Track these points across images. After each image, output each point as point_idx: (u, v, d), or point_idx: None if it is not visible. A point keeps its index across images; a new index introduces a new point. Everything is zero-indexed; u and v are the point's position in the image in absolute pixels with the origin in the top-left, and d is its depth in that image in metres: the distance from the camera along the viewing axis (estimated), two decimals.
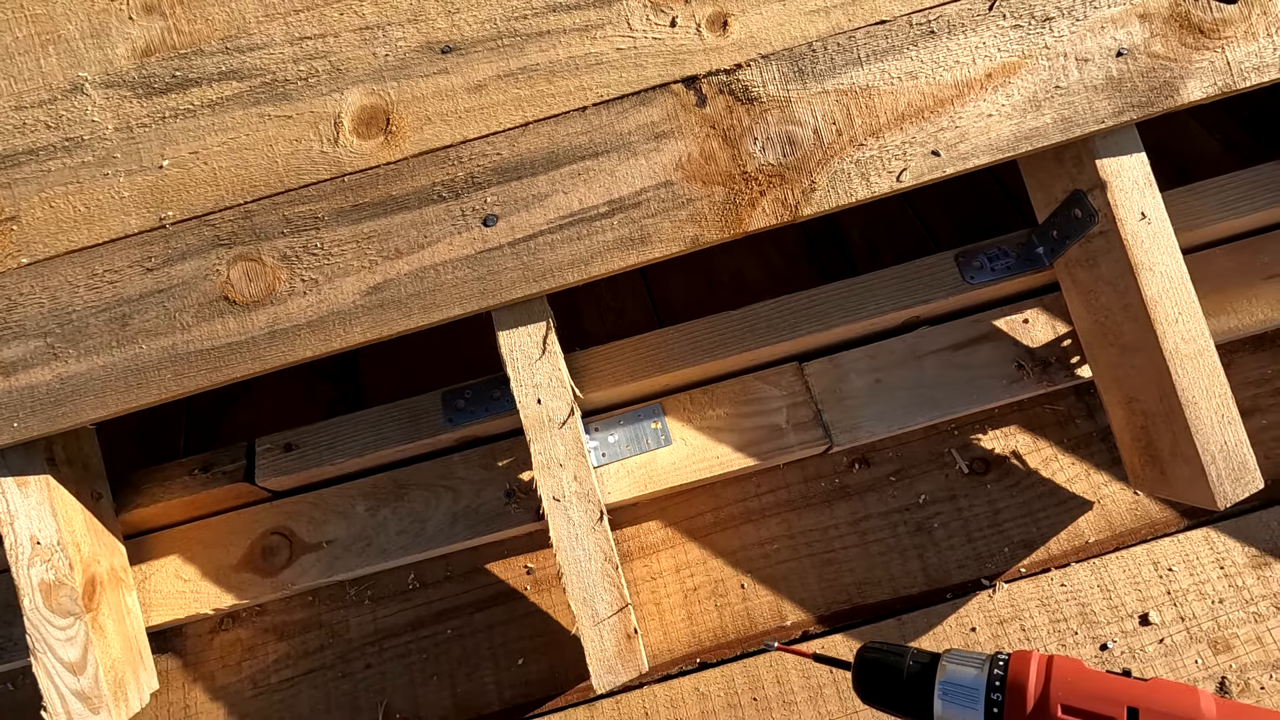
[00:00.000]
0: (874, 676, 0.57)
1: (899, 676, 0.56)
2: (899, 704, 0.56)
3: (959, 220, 1.14)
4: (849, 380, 0.90)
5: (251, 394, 1.13)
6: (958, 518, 0.89)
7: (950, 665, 0.54)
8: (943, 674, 0.54)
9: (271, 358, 0.72)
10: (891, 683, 0.56)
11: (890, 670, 0.56)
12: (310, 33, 0.72)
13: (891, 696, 0.56)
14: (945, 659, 0.55)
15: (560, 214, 0.73)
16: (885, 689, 0.56)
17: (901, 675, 0.55)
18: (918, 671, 0.55)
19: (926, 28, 0.73)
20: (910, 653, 0.57)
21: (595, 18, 0.73)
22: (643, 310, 1.13)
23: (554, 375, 0.75)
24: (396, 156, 0.73)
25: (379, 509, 0.90)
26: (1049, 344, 0.90)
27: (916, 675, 0.55)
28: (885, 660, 0.57)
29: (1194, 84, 0.73)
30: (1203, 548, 0.85)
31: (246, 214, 0.72)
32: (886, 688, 0.56)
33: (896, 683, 0.56)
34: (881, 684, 0.57)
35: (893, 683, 0.56)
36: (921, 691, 0.54)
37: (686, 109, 0.73)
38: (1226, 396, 0.75)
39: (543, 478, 0.74)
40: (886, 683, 0.56)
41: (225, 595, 0.88)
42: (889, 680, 0.56)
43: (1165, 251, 0.75)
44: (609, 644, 0.72)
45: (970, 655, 0.54)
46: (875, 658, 0.58)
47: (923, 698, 0.54)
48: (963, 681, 0.53)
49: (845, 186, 0.73)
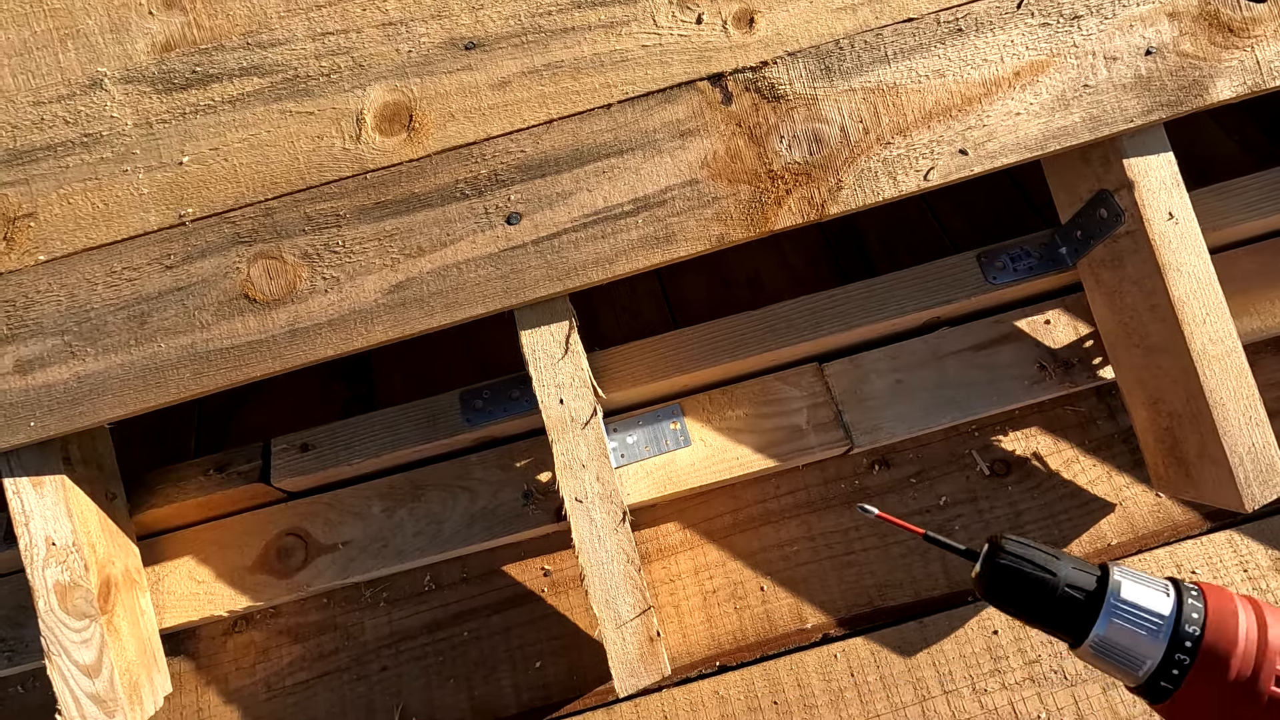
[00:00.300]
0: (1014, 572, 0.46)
1: (1052, 580, 0.45)
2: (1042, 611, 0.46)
3: (976, 221, 1.14)
4: (870, 381, 0.90)
5: (264, 394, 1.12)
6: (979, 520, 0.89)
7: (1128, 582, 0.45)
8: (1118, 588, 0.45)
9: (292, 356, 0.72)
10: (1039, 584, 0.46)
11: (1041, 572, 0.46)
12: (333, 28, 0.72)
13: (1034, 600, 0.46)
14: (1119, 573, 0.45)
15: (584, 212, 0.72)
16: (1027, 589, 0.46)
17: (1056, 580, 0.45)
18: (1079, 582, 0.45)
19: (954, 26, 0.72)
20: (1066, 559, 0.46)
21: (621, 14, 0.72)
22: (659, 310, 1.12)
23: (577, 375, 0.75)
24: (419, 154, 0.72)
25: (395, 510, 0.89)
26: (1071, 345, 0.89)
27: (1077, 585, 0.45)
28: (1034, 557, 0.46)
29: (1223, 83, 0.72)
30: (1226, 550, 0.85)
31: (267, 211, 0.71)
32: (1030, 588, 0.46)
33: (1046, 586, 0.45)
34: (1023, 582, 0.46)
35: (1041, 584, 0.46)
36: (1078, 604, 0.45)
37: (712, 107, 0.72)
38: (1254, 398, 0.74)
39: (565, 479, 0.74)
40: (1031, 582, 0.46)
41: (239, 597, 0.87)
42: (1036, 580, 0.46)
43: (1193, 252, 0.75)
44: (631, 647, 0.72)
45: (1150, 578, 0.45)
46: (1021, 551, 0.47)
47: (1078, 611, 0.45)
48: (1147, 606, 0.44)
49: (872, 185, 0.72)
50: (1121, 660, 0.45)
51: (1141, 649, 0.44)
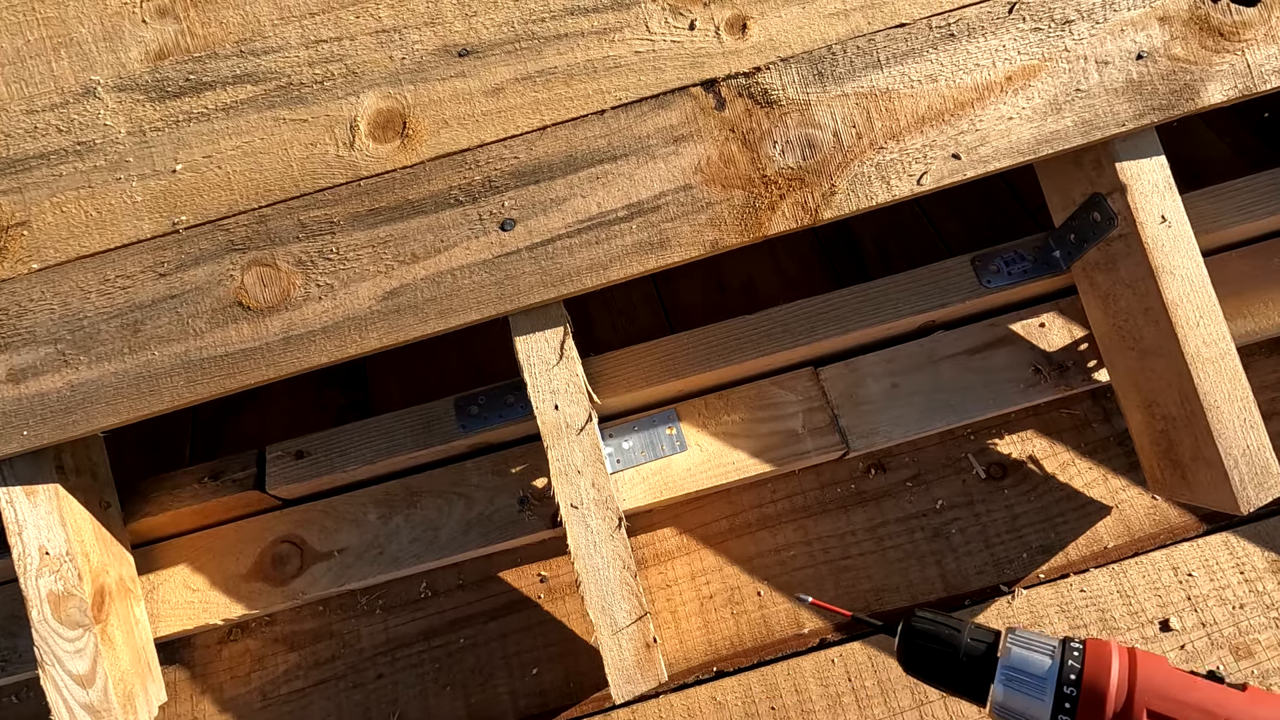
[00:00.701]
0: (923, 648, 0.52)
1: (954, 652, 0.50)
2: (949, 680, 0.51)
3: (971, 225, 1.14)
4: (865, 385, 0.90)
5: (259, 401, 1.12)
6: (975, 523, 0.89)
7: (1015, 648, 0.49)
8: (1006, 655, 0.49)
9: (286, 364, 0.71)
10: (943, 657, 0.51)
11: (943, 643, 0.51)
12: (326, 36, 0.72)
13: (941, 671, 0.51)
14: (1010, 639, 0.50)
15: (578, 218, 0.72)
16: (934, 662, 0.51)
17: (957, 652, 0.50)
18: (977, 651, 0.50)
19: (946, 31, 0.73)
20: (968, 628, 0.51)
21: (613, 20, 0.73)
22: (654, 315, 1.12)
23: (571, 381, 0.75)
24: (413, 160, 0.72)
25: (391, 516, 0.89)
26: (1066, 348, 0.89)
27: (974, 654, 0.50)
28: (938, 633, 0.52)
29: (1214, 87, 0.73)
30: (1222, 553, 0.85)
31: (261, 219, 0.71)
32: (936, 661, 0.51)
33: (950, 658, 0.50)
34: (930, 657, 0.51)
35: (945, 658, 0.51)
36: (978, 671, 0.49)
37: (705, 112, 0.73)
38: (1249, 400, 0.74)
39: (560, 485, 0.73)
40: (936, 656, 0.51)
41: (234, 605, 0.87)
42: (940, 654, 0.51)
43: (1186, 255, 0.75)
44: (628, 653, 0.71)
45: (1037, 638, 0.49)
46: (927, 628, 0.52)
47: (978, 678, 0.49)
48: (1029, 669, 0.48)
49: (865, 190, 0.72)
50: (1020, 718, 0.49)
51: (1033, 709, 0.47)
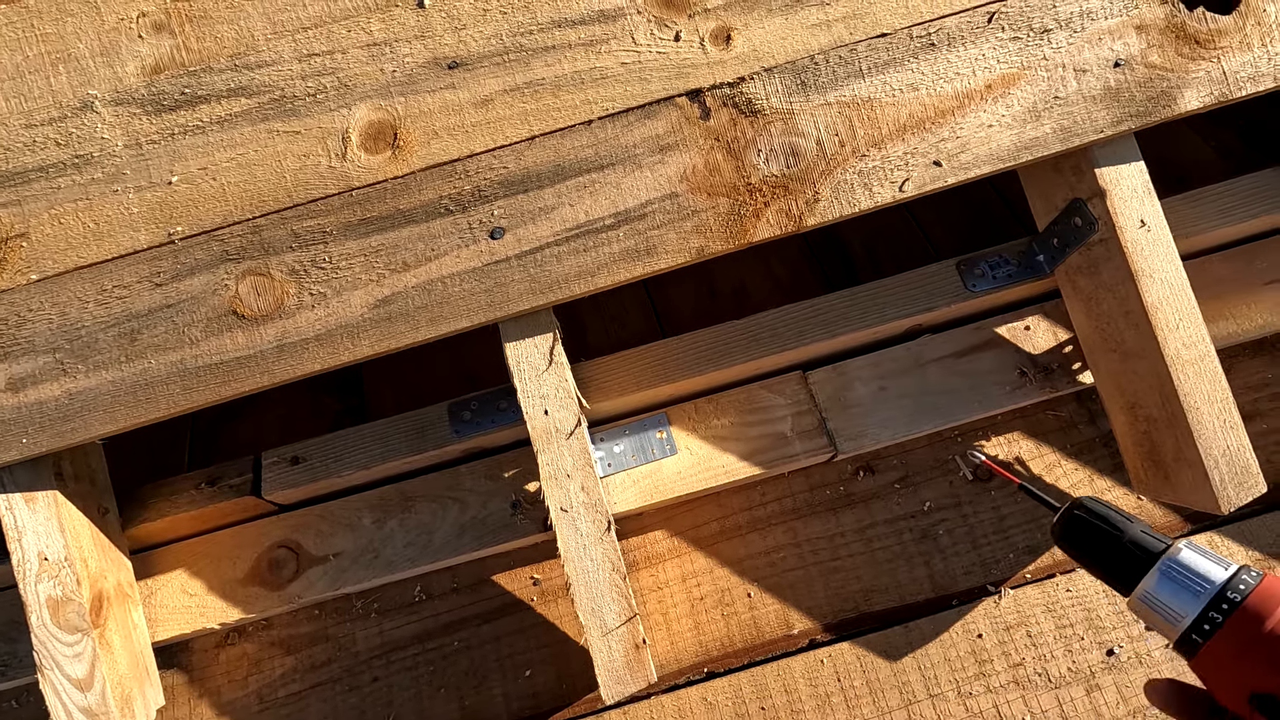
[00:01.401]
0: (1088, 524, 0.52)
1: (1118, 535, 0.51)
2: (1103, 559, 0.51)
3: (959, 229, 1.15)
4: (853, 388, 0.91)
5: (256, 408, 1.14)
6: (963, 524, 0.90)
7: (1189, 551, 0.49)
8: (1175, 553, 0.49)
9: (280, 371, 0.73)
10: (1107, 538, 0.51)
11: (1112, 526, 0.51)
12: (318, 49, 0.73)
13: (1099, 548, 0.52)
14: (1185, 543, 0.50)
15: (566, 226, 0.73)
16: (1097, 540, 0.52)
17: (1122, 535, 0.51)
18: (1144, 543, 0.50)
19: (926, 40, 0.74)
20: (1139, 523, 0.52)
21: (600, 33, 0.74)
22: (646, 321, 1.13)
23: (561, 386, 0.76)
24: (404, 171, 0.73)
25: (386, 521, 0.90)
26: (1050, 350, 0.90)
27: (1140, 544, 0.50)
28: (1109, 516, 0.52)
29: (1191, 94, 0.74)
30: None
31: (255, 229, 0.73)
32: (1099, 540, 0.52)
33: (1112, 540, 0.51)
34: (1094, 534, 0.52)
35: (1108, 539, 0.51)
36: (1135, 561, 0.50)
37: (691, 122, 0.74)
38: (1228, 401, 0.75)
39: (550, 488, 0.75)
40: (1100, 534, 0.52)
41: (231, 609, 0.88)
42: (1105, 535, 0.51)
43: (1165, 258, 0.76)
44: (618, 655, 0.72)
45: (1216, 556, 0.49)
46: (1099, 510, 0.53)
47: (1134, 566, 0.50)
48: (1199, 571, 0.47)
49: (849, 197, 0.74)
50: (1163, 614, 0.48)
51: (1181, 605, 0.47)
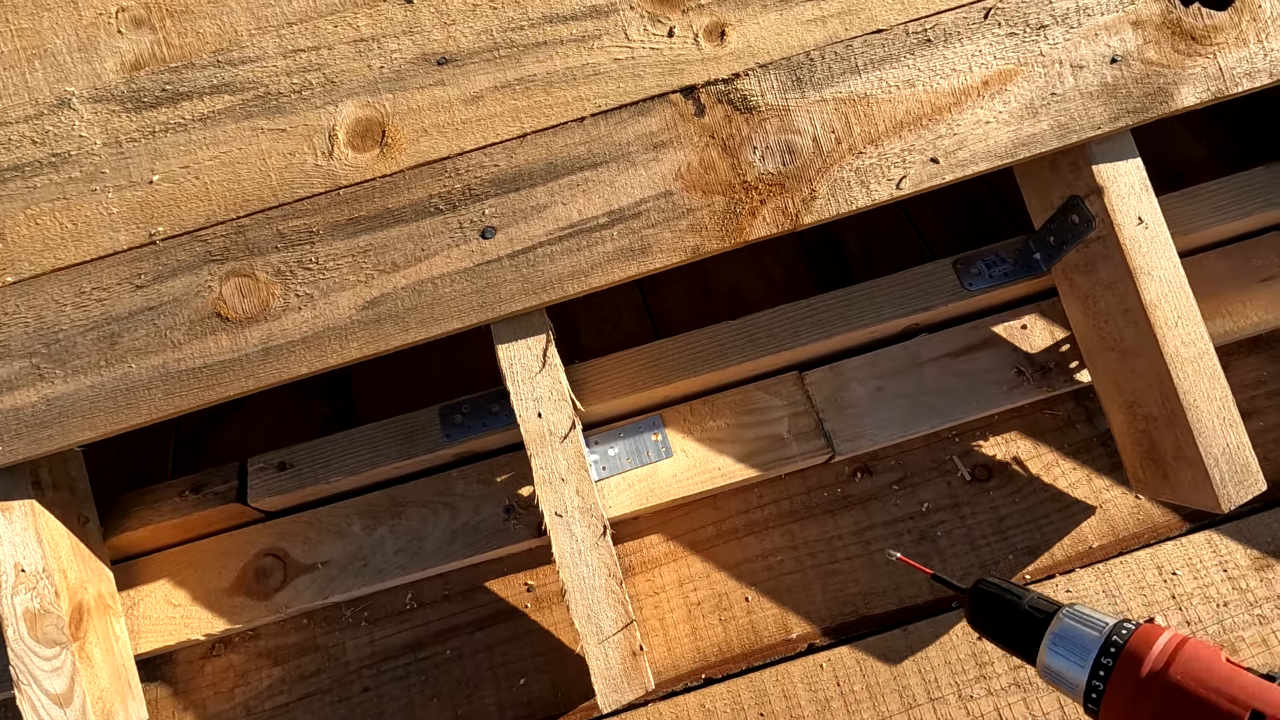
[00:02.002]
0: (987, 607, 0.58)
1: (1012, 611, 0.56)
2: (1005, 638, 0.56)
3: (954, 228, 1.15)
4: (850, 389, 0.90)
5: (242, 413, 1.11)
6: (961, 525, 0.89)
7: (1068, 621, 0.53)
8: (1057, 625, 0.53)
9: (266, 375, 0.71)
10: (1004, 617, 0.56)
11: (1005, 605, 0.57)
12: (304, 45, 0.72)
13: (1000, 630, 0.57)
14: (1066, 613, 0.54)
15: (559, 225, 0.72)
16: (996, 621, 0.57)
17: (1015, 612, 0.56)
18: (1033, 617, 0.55)
19: (923, 36, 0.73)
20: (1030, 596, 0.57)
21: (592, 28, 0.73)
22: (640, 321, 1.12)
23: (555, 388, 0.74)
24: (392, 169, 0.72)
25: (376, 527, 0.88)
26: (1048, 349, 0.90)
27: (1031, 619, 0.55)
28: (1001, 596, 0.57)
29: (1187, 90, 0.73)
30: (1206, 551, 0.85)
31: (239, 229, 0.71)
32: (998, 620, 0.57)
33: (1009, 618, 0.56)
34: (993, 616, 0.57)
35: (1005, 617, 0.56)
36: (1031, 634, 0.54)
37: (685, 119, 0.73)
38: (1228, 399, 0.75)
39: (544, 493, 0.73)
40: (998, 616, 0.57)
41: (217, 620, 0.86)
42: (1002, 614, 0.56)
43: (1163, 256, 0.76)
44: (614, 662, 0.71)
45: (1095, 617, 0.53)
46: (992, 591, 0.58)
47: (1031, 640, 0.54)
48: (1077, 639, 0.52)
49: (846, 194, 0.73)
50: (1061, 684, 0.52)
51: (1073, 674, 0.51)
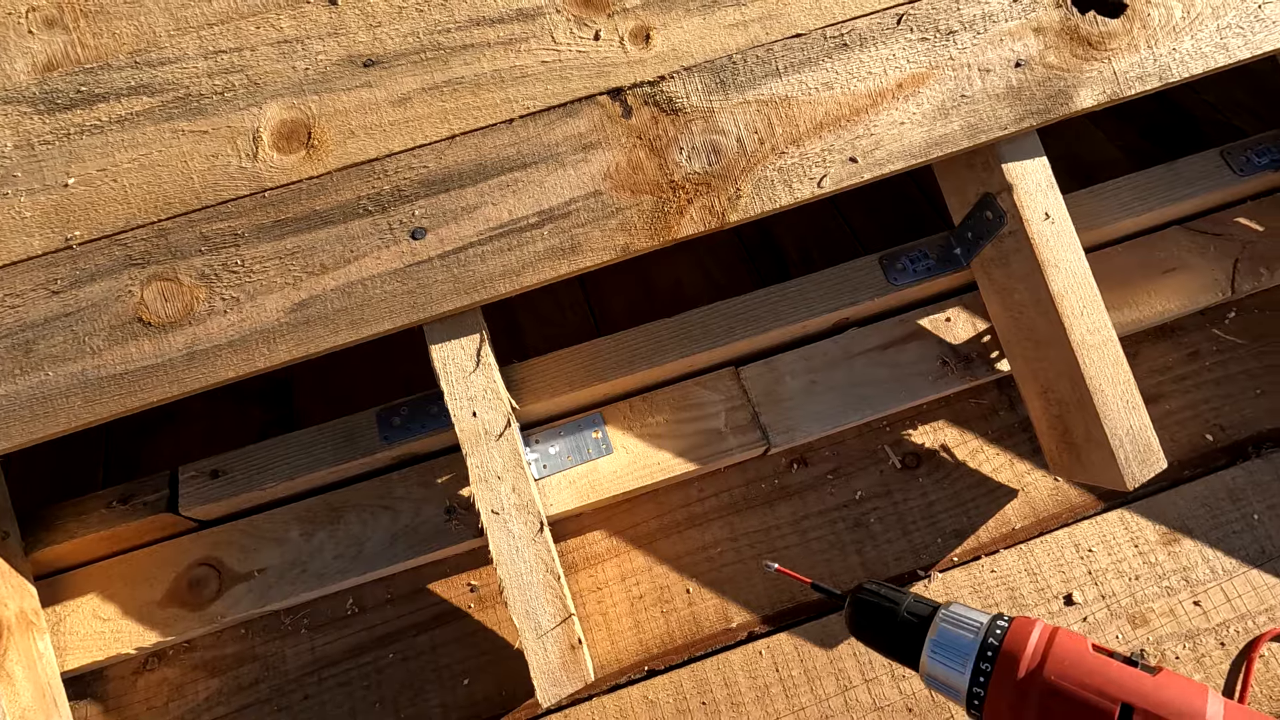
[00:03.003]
0: (866, 615, 0.56)
1: (891, 619, 0.54)
2: (888, 646, 0.55)
3: (887, 226, 1.19)
4: (784, 382, 0.92)
5: (176, 421, 1.09)
6: (893, 512, 0.92)
7: (945, 625, 0.52)
8: (934, 632, 0.52)
9: (191, 380, 0.70)
10: (883, 624, 0.55)
11: (883, 613, 0.55)
12: (225, 46, 0.71)
13: (881, 638, 0.55)
14: (942, 615, 0.53)
15: (490, 225, 0.73)
16: (876, 629, 0.55)
17: (894, 620, 0.54)
18: (911, 623, 0.53)
19: (840, 41, 0.76)
20: (907, 601, 0.55)
21: (519, 31, 0.74)
22: (583, 322, 1.13)
23: (489, 387, 0.75)
24: (319, 171, 0.71)
25: (315, 533, 0.88)
26: (970, 340, 0.94)
27: (909, 625, 0.53)
28: (879, 604, 0.55)
29: (1085, 92, 0.78)
30: (1119, 528, 0.90)
31: (161, 232, 0.70)
32: (877, 628, 0.55)
33: (888, 626, 0.54)
34: (873, 624, 0.55)
35: (884, 625, 0.54)
36: (912, 640, 0.53)
37: (613, 120, 0.74)
38: (1130, 383, 0.79)
39: (480, 491, 0.74)
40: (878, 624, 0.55)
41: (149, 633, 0.84)
42: (881, 622, 0.55)
43: (1069, 249, 0.80)
44: (553, 656, 0.72)
45: (970, 617, 0.52)
46: (870, 599, 0.56)
47: (912, 646, 0.53)
48: (955, 644, 0.51)
49: (770, 193, 0.75)
50: (946, 691, 0.52)
51: (954, 680, 0.50)
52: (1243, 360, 0.99)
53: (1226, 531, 0.90)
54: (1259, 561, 0.88)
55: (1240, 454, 0.94)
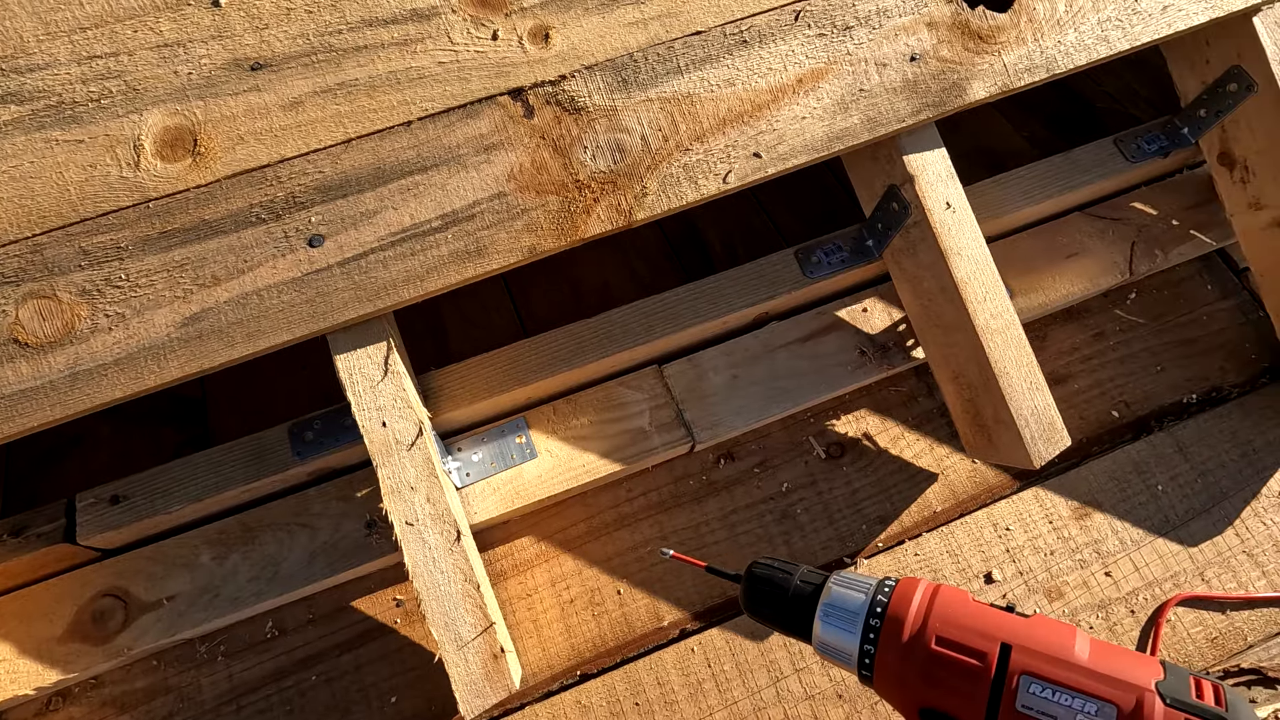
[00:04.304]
0: (760, 591, 0.55)
1: (784, 593, 0.54)
2: (782, 620, 0.55)
3: (808, 220, 1.20)
4: (707, 379, 0.93)
5: (82, 447, 1.04)
6: (819, 501, 0.93)
7: (836, 588, 0.53)
8: (827, 595, 0.53)
9: (75, 402, 0.66)
10: (776, 599, 0.54)
11: (776, 586, 0.55)
12: (100, 51, 0.68)
13: (775, 612, 0.55)
14: (832, 580, 0.54)
15: (391, 230, 0.71)
16: (770, 604, 0.55)
17: (787, 592, 0.54)
18: (804, 592, 0.54)
19: (739, 37, 0.77)
20: (800, 571, 0.55)
21: (414, 32, 0.72)
22: (509, 325, 1.12)
23: (398, 396, 0.73)
24: (208, 179, 0.69)
25: (227, 555, 0.84)
26: (887, 330, 0.96)
27: (802, 594, 0.54)
28: (773, 576, 0.55)
29: (978, 85, 0.80)
30: (1033, 506, 0.93)
31: (35, 248, 0.66)
32: (771, 603, 0.55)
33: (781, 599, 0.54)
34: (766, 599, 0.55)
35: (778, 599, 0.54)
36: (805, 611, 0.53)
37: (515, 120, 0.73)
38: (1033, 365, 0.82)
39: (393, 503, 0.72)
40: (771, 598, 0.55)
41: (49, 671, 0.79)
42: (774, 596, 0.55)
43: (970, 237, 0.82)
44: (475, 667, 0.70)
45: (858, 580, 0.53)
46: (763, 573, 0.56)
47: (805, 617, 0.53)
48: (846, 605, 0.52)
49: (675, 190, 0.75)
50: (836, 656, 0.52)
51: (844, 642, 0.51)
52: (1144, 339, 1.03)
53: (1134, 504, 0.93)
54: (1164, 530, 0.92)
55: (1144, 428, 0.98)
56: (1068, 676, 0.45)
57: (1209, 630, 0.87)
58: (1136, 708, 0.43)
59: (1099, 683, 0.44)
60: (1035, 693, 0.45)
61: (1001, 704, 0.45)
